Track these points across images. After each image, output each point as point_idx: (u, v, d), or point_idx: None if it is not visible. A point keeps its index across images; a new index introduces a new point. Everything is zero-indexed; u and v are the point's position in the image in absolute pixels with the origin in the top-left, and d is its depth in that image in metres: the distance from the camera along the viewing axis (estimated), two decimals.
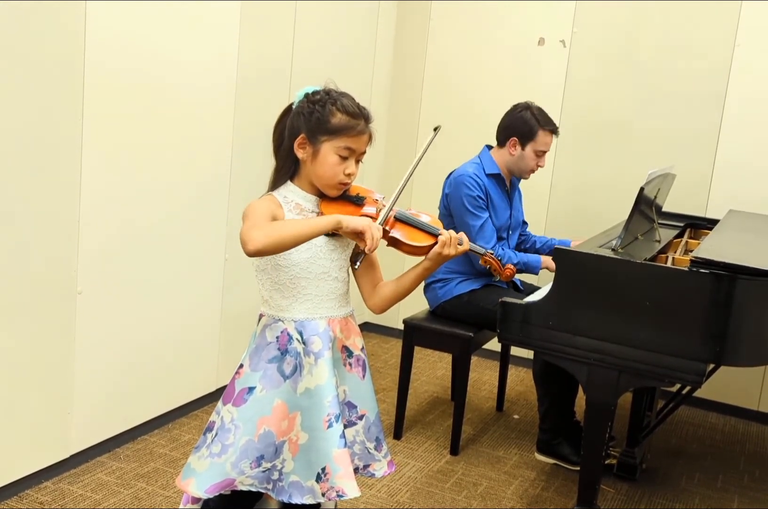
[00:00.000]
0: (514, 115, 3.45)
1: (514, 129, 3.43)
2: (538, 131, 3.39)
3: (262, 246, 1.77)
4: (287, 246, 1.83)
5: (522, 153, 3.43)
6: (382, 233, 1.86)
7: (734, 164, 3.99)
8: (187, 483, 1.94)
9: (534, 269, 3.48)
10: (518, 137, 3.42)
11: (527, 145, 3.42)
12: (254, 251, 1.77)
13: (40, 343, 2.76)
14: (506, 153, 3.46)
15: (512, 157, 3.45)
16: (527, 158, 3.44)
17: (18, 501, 2.75)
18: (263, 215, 1.88)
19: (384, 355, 4.57)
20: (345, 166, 1.94)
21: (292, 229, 1.81)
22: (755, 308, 2.50)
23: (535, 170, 3.50)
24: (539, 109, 3.46)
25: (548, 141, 3.44)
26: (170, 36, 3.06)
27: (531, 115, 3.41)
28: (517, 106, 3.47)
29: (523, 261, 3.44)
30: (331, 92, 1.96)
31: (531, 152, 3.42)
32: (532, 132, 3.40)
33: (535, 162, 3.45)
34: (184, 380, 3.44)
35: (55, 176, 2.70)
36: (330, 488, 1.90)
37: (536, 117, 3.41)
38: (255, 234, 1.77)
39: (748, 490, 3.32)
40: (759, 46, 3.88)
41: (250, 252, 1.77)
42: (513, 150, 3.44)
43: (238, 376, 2.00)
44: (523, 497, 3.11)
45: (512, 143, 3.43)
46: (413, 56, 4.65)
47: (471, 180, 3.36)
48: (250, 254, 1.77)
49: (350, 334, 2.05)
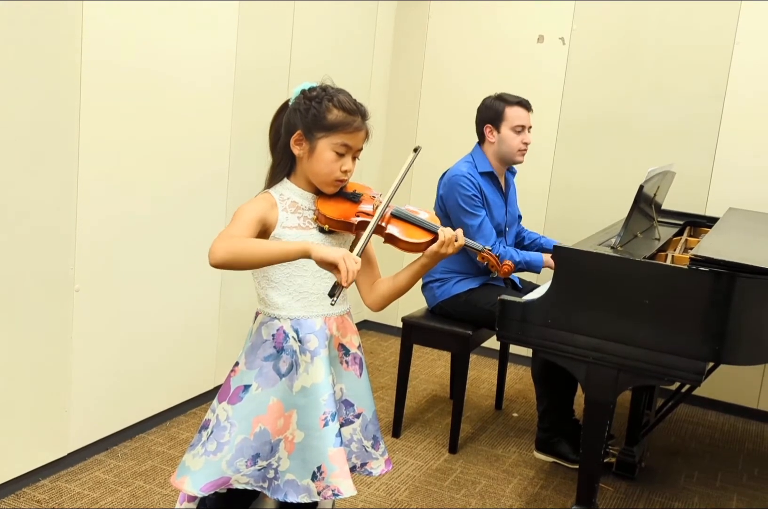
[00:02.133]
0: (479, 108, 3.50)
1: (483, 118, 3.47)
2: (504, 109, 3.41)
3: (222, 261, 1.77)
4: (247, 266, 1.82)
5: (500, 136, 3.42)
6: (358, 265, 1.74)
7: (734, 161, 3.98)
8: (182, 481, 1.94)
9: (536, 268, 3.45)
10: (489, 122, 3.44)
11: (501, 126, 3.42)
12: (213, 264, 1.77)
13: (37, 341, 2.75)
14: (489, 143, 3.46)
15: (494, 145, 3.45)
16: (507, 138, 3.42)
17: (15, 499, 2.74)
18: (247, 221, 1.86)
19: (383, 353, 4.56)
20: (341, 162, 1.94)
21: (256, 250, 1.79)
22: (755, 307, 2.50)
23: (523, 149, 3.45)
24: (502, 93, 3.48)
25: (520, 114, 3.42)
26: (168, 33, 3.05)
27: (492, 100, 3.46)
28: (482, 101, 3.50)
29: (525, 260, 3.41)
30: (327, 89, 1.95)
31: (508, 131, 3.41)
32: (498, 112, 3.42)
33: (518, 140, 3.42)
34: (182, 379, 3.43)
35: (52, 173, 2.70)
36: (326, 487, 1.89)
37: (498, 99, 3.44)
38: (218, 246, 1.77)
39: (747, 489, 3.31)
40: (759, 44, 3.87)
41: (211, 264, 1.77)
42: (492, 137, 3.44)
43: (233, 374, 1.99)
44: (521, 495, 3.11)
45: (488, 130, 3.44)
46: (412, 53, 4.64)
47: (465, 180, 3.35)
48: (211, 265, 1.78)
49: (347, 332, 2.04)
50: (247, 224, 1.86)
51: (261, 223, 1.90)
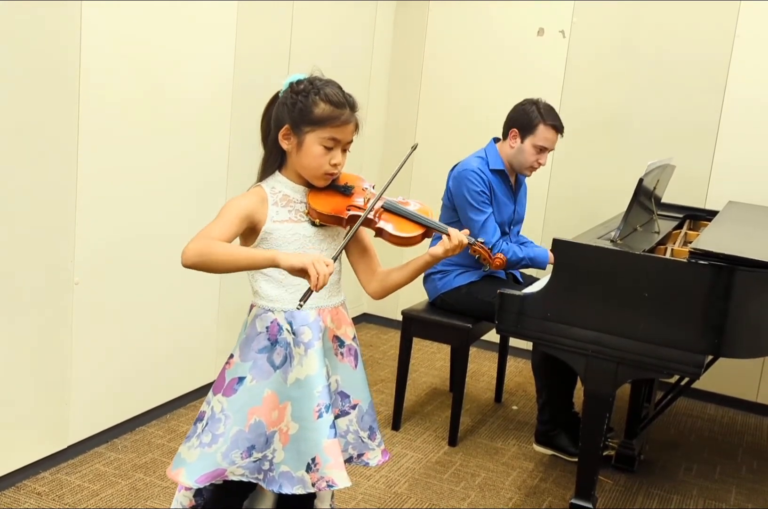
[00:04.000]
0: (518, 108, 3.41)
1: (515, 121, 3.39)
2: (538, 124, 3.32)
3: (191, 264, 1.78)
4: (216, 270, 1.83)
5: (521, 146, 3.36)
6: (331, 268, 1.73)
7: (734, 155, 3.97)
8: (177, 473, 1.95)
9: (541, 264, 3.41)
10: (518, 128, 3.37)
11: (526, 138, 3.35)
12: (183, 265, 1.79)
13: (37, 334, 2.75)
14: (508, 146, 3.41)
15: (512, 150, 3.39)
16: (526, 152, 3.36)
17: (15, 491, 2.75)
18: (230, 219, 1.86)
19: (383, 346, 4.57)
20: (330, 156, 1.92)
21: (224, 256, 1.79)
22: (754, 300, 2.50)
23: (535, 168, 3.41)
24: (547, 105, 3.38)
25: (549, 137, 3.34)
26: (167, 34, 3.05)
27: (535, 109, 3.35)
28: (524, 101, 3.41)
29: (530, 256, 3.38)
30: (315, 81, 1.92)
31: (530, 146, 3.35)
32: (531, 124, 3.33)
33: (535, 158, 3.36)
34: (182, 371, 3.43)
35: (52, 167, 2.69)
36: (320, 478, 1.90)
37: (540, 111, 3.34)
38: (190, 248, 1.78)
39: (746, 481, 3.32)
40: (759, 38, 3.86)
41: (182, 265, 1.78)
42: (513, 142, 3.38)
43: (228, 366, 2.00)
44: (521, 488, 3.11)
45: (512, 134, 3.38)
46: (411, 52, 4.62)
47: (475, 175, 3.32)
48: (182, 266, 1.79)
49: (341, 324, 2.05)
50: (230, 223, 1.86)
51: (247, 220, 1.89)
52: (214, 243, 1.80)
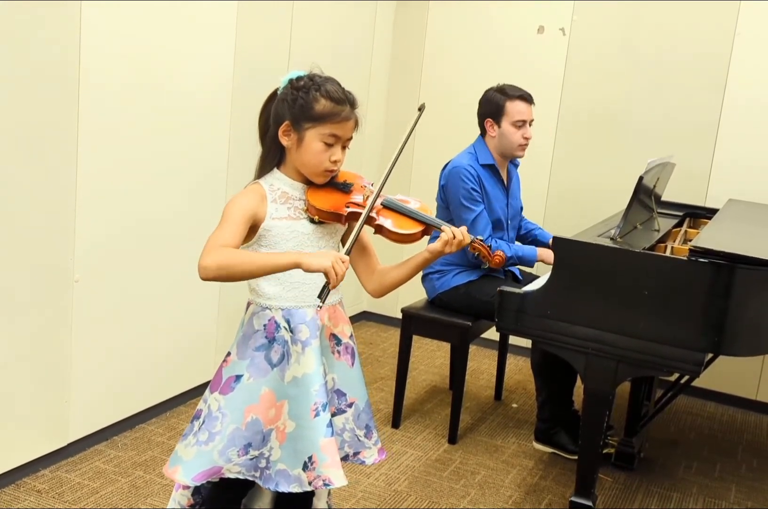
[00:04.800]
0: (481, 101, 3.47)
1: (483, 112, 3.45)
2: (504, 103, 3.38)
3: (213, 277, 1.79)
4: (238, 279, 1.83)
5: (500, 131, 3.41)
6: (347, 264, 1.76)
7: (734, 153, 3.97)
8: (174, 470, 1.95)
9: (529, 263, 3.45)
10: (490, 116, 3.42)
11: (502, 121, 3.40)
12: (204, 279, 1.79)
13: (37, 331, 2.75)
14: (490, 138, 3.45)
15: (494, 139, 3.43)
16: (507, 133, 3.40)
17: (15, 489, 2.75)
18: (237, 222, 1.86)
19: (382, 344, 4.57)
20: (330, 153, 1.92)
21: (248, 264, 1.80)
22: (754, 298, 2.50)
23: (523, 144, 3.43)
24: (504, 85, 3.44)
25: (520, 109, 3.39)
26: (167, 33, 3.05)
27: (494, 92, 3.43)
28: (485, 92, 3.47)
29: (518, 255, 3.41)
30: (315, 78, 1.92)
31: (508, 125, 3.39)
32: (499, 106, 3.39)
33: (519, 134, 3.40)
34: (182, 369, 3.43)
35: (52, 166, 2.69)
36: (316, 477, 1.90)
37: (499, 92, 3.41)
38: (209, 261, 1.78)
39: (746, 479, 3.32)
40: (759, 37, 3.86)
41: (201, 279, 1.79)
42: (492, 131, 3.43)
43: (225, 364, 2.00)
44: (521, 486, 3.11)
45: (488, 124, 3.43)
46: (411, 52, 4.62)
47: (465, 172, 3.34)
48: (202, 279, 1.80)
49: (338, 322, 2.05)
50: (236, 227, 1.86)
51: (251, 220, 1.90)
52: (232, 253, 1.80)
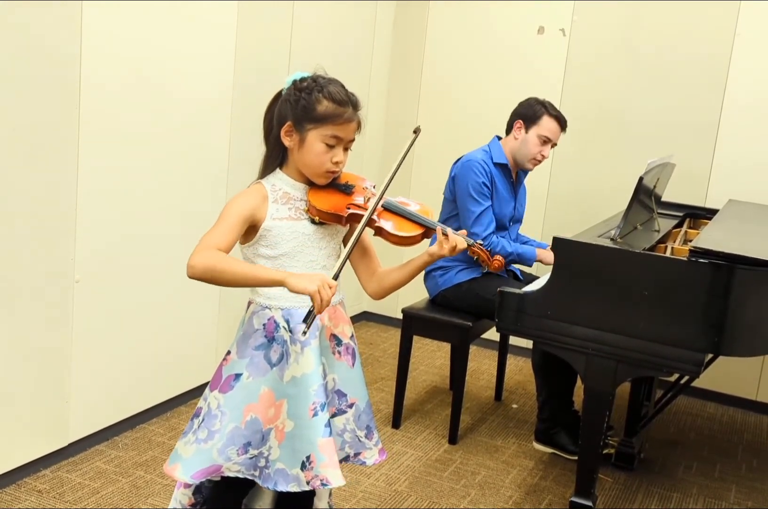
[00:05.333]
0: (523, 103, 3.52)
1: (520, 113, 3.49)
2: (542, 115, 3.43)
3: (199, 277, 1.79)
4: (221, 284, 1.84)
5: (525, 137, 3.45)
6: (334, 290, 1.75)
7: (734, 153, 3.97)
8: (173, 468, 1.95)
9: (528, 261, 3.49)
10: (523, 119, 3.46)
11: (531, 128, 3.44)
12: (189, 277, 1.79)
13: (38, 331, 2.75)
14: (512, 138, 3.49)
15: (516, 141, 3.47)
16: (530, 142, 3.44)
17: (16, 489, 2.76)
18: (232, 223, 1.87)
19: (383, 344, 4.57)
20: (332, 154, 1.92)
21: (234, 273, 1.80)
22: (754, 299, 2.50)
23: (538, 160, 3.48)
24: (551, 103, 3.50)
25: (552, 128, 3.44)
26: (167, 35, 3.05)
27: (539, 103, 3.47)
28: (530, 98, 3.52)
29: (518, 252, 3.44)
30: (318, 79, 1.93)
31: (534, 136, 3.43)
32: (536, 115, 3.43)
33: (538, 150, 3.44)
34: (183, 369, 3.44)
35: (53, 165, 2.70)
36: (314, 476, 1.91)
37: (544, 104, 3.46)
38: (198, 261, 1.78)
39: (746, 480, 3.33)
40: (759, 37, 3.87)
41: (188, 276, 1.80)
42: (518, 133, 3.47)
43: (225, 363, 2.00)
44: (521, 486, 3.12)
45: (517, 125, 3.47)
46: (411, 52, 4.62)
47: (479, 166, 3.38)
48: (188, 277, 1.80)
49: (339, 322, 2.05)
50: (231, 227, 1.87)
51: (248, 221, 1.90)
52: (221, 258, 1.80)
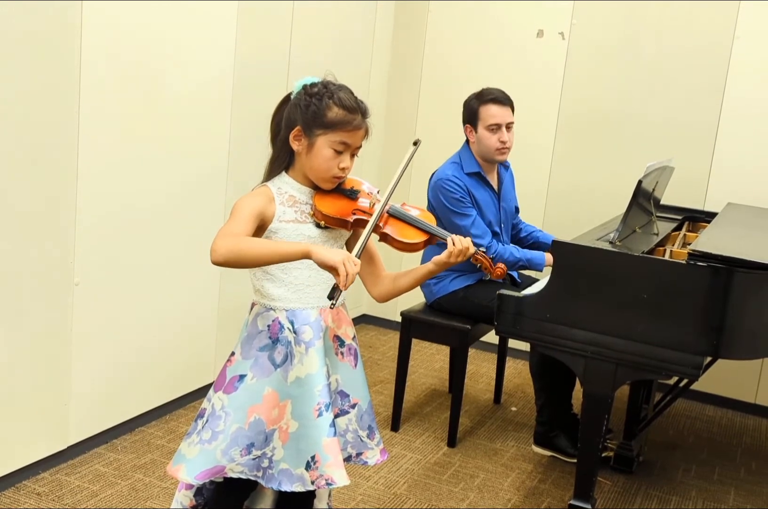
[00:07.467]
0: (463, 108, 3.47)
1: (463, 119, 3.46)
2: (477, 108, 3.39)
3: (224, 260, 1.78)
4: (248, 265, 1.84)
5: (478, 136, 3.40)
6: (358, 267, 1.76)
7: (733, 156, 3.98)
8: (177, 469, 1.96)
9: (538, 267, 3.42)
10: (468, 122, 3.43)
11: (478, 126, 3.40)
12: (214, 262, 1.79)
13: (37, 334, 2.75)
14: (472, 144, 3.45)
15: (475, 144, 3.43)
16: (483, 138, 3.38)
17: (15, 492, 2.75)
18: (246, 217, 1.87)
19: (382, 347, 4.57)
20: (339, 160, 1.94)
21: (258, 250, 1.80)
22: (753, 302, 2.51)
23: (501, 149, 3.39)
24: (484, 88, 3.44)
25: (493, 113, 3.36)
26: (168, 31, 3.05)
27: (470, 99, 3.44)
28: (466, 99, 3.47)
29: (527, 257, 3.39)
30: (329, 85, 1.95)
31: (483, 130, 3.38)
32: (473, 112, 3.40)
33: (495, 139, 3.37)
34: (182, 372, 3.44)
35: (52, 167, 2.70)
36: (319, 476, 1.92)
37: (475, 96, 3.42)
38: (220, 245, 1.78)
39: (745, 483, 3.33)
40: (758, 38, 3.87)
41: (212, 262, 1.79)
42: (472, 137, 3.43)
43: (229, 364, 2.01)
44: (520, 489, 3.12)
45: (468, 131, 3.44)
46: (411, 51, 4.63)
47: (450, 183, 3.33)
48: (213, 263, 1.79)
49: (342, 323, 2.06)
50: (246, 221, 1.87)
51: (259, 218, 1.91)
52: (243, 238, 1.82)
